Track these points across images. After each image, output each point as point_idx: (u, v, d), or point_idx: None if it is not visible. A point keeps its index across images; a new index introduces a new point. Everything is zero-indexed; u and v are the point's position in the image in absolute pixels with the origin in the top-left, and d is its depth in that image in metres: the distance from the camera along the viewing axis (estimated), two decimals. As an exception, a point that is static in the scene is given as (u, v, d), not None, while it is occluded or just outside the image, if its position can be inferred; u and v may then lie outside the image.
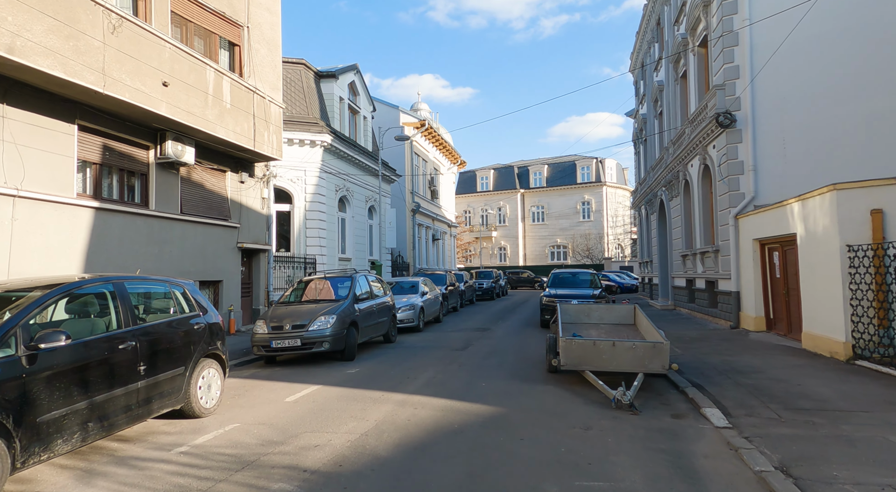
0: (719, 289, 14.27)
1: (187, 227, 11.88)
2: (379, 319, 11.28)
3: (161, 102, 9.89)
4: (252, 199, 14.39)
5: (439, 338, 13.03)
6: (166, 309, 5.79)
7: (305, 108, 18.83)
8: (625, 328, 9.20)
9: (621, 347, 6.93)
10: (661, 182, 20.99)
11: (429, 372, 8.48)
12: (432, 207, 34.04)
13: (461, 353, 10.50)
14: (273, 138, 13.83)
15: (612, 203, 55.59)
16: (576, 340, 7.10)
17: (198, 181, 12.33)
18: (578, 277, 17.04)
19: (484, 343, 11.93)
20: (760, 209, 11.96)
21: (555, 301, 14.53)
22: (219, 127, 11.56)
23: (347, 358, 9.62)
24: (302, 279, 11.43)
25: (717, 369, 8.08)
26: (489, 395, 6.91)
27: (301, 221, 18.32)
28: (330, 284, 10.84)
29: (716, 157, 14.01)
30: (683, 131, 17.04)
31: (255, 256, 14.86)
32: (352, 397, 6.84)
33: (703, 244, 15.59)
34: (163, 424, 5.74)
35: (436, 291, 17.72)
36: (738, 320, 12.96)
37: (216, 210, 12.95)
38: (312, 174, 18.51)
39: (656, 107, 22.64)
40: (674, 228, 19.72)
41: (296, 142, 18.16)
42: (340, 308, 9.67)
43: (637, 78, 28.69)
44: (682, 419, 5.82)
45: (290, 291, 11.10)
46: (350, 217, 21.37)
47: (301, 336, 9.04)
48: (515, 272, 44.44)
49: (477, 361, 9.56)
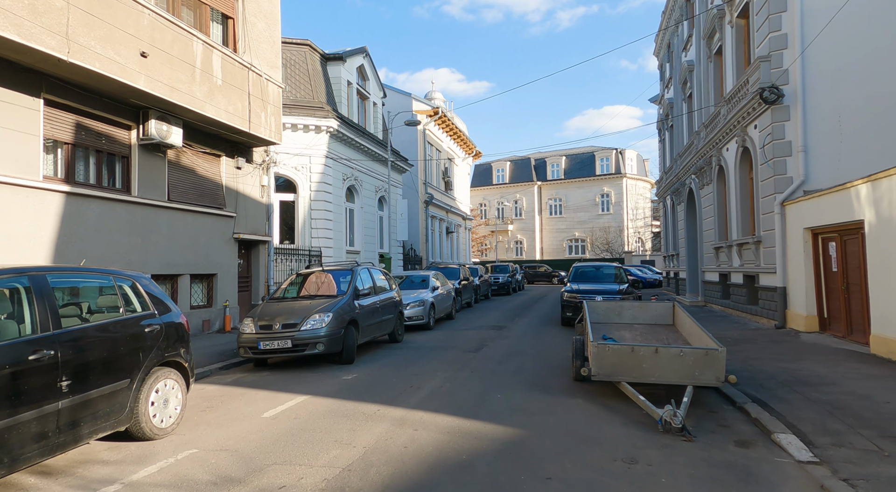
0: (760, 284, 12.91)
1: (176, 215, 10.90)
2: (383, 317, 10.19)
3: (139, 75, 8.86)
4: (250, 186, 13.38)
5: (450, 337, 11.91)
6: (112, 307, 4.74)
7: (310, 92, 17.77)
8: (662, 330, 7.97)
9: (666, 355, 5.73)
10: (691, 169, 19.55)
11: (436, 379, 7.36)
12: (446, 198, 32.88)
13: (474, 355, 9.37)
14: (271, 120, 12.78)
15: (632, 195, 53.86)
16: (610, 346, 5.91)
17: (188, 166, 11.33)
18: (602, 270, 15.78)
19: (499, 344, 10.78)
20: (813, 194, 10.58)
21: (577, 297, 13.33)
22: (208, 105, 10.53)
23: (345, 361, 8.54)
24: (299, 272, 10.37)
25: (776, 379, 6.82)
26: (505, 411, 5.77)
27: (306, 212, 17.31)
28: (330, 278, 9.77)
29: (758, 138, 12.62)
30: (718, 112, 15.61)
31: (254, 248, 13.87)
32: (342, 413, 5.74)
33: (740, 235, 14.21)
34: (106, 448, 4.70)
35: (448, 286, 16.60)
36: (784, 319, 11.61)
37: (209, 198, 11.95)
38: (318, 162, 17.47)
39: (685, 89, 21.15)
40: (705, 219, 18.31)
41: (300, 127, 17.11)
42: (338, 305, 8.59)
43: (662, 61, 27.12)
44: (750, 448, 4.61)
45: (285, 285, 10.05)
46: (359, 208, 20.31)
47: (292, 337, 7.98)
48: (532, 266, 43.12)
49: (491, 365, 8.42)
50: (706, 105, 17.65)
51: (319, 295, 9.21)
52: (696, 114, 19.16)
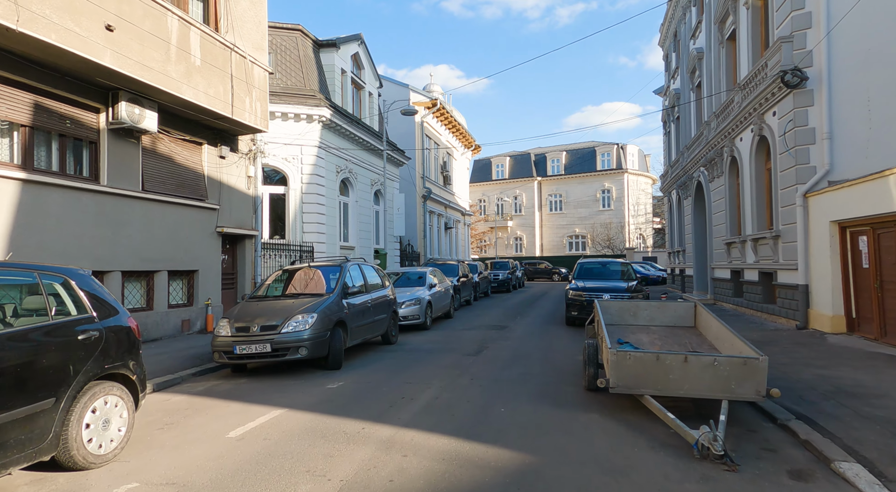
0: (779, 281, 12.11)
1: (152, 207, 10.07)
2: (375, 317, 9.38)
3: (104, 50, 8.02)
4: (235, 177, 12.54)
5: (449, 338, 11.11)
6: (38, 310, 3.93)
7: (302, 80, 16.91)
8: (683, 333, 7.17)
9: (697, 364, 4.93)
10: (700, 162, 18.73)
11: (432, 388, 6.56)
12: (445, 193, 32.05)
13: (474, 359, 8.56)
14: (257, 106, 11.94)
15: (633, 191, 53.08)
16: (631, 354, 5.11)
17: (165, 154, 10.50)
18: (608, 267, 14.98)
19: (502, 345, 9.98)
20: (840, 185, 9.79)
21: (583, 295, 12.55)
22: (185, 87, 9.68)
23: (332, 366, 7.73)
24: (284, 268, 9.54)
25: (816, 389, 6.03)
26: (512, 430, 4.97)
27: (297, 205, 16.48)
28: (318, 275, 8.95)
29: (777, 125, 11.80)
30: (731, 100, 14.78)
31: (239, 243, 13.05)
32: (321, 432, 4.94)
33: (755, 230, 13.41)
34: (27, 481, 3.89)
35: (446, 283, 15.81)
36: (805, 319, 10.82)
37: (190, 189, 11.12)
38: (310, 153, 16.63)
39: (693, 78, 20.31)
40: (715, 213, 17.51)
41: (290, 116, 16.27)
42: (324, 304, 7.77)
43: (668, 50, 26.26)
44: (809, 482, 3.82)
45: (269, 282, 9.21)
46: (353, 201, 19.49)
47: (271, 340, 7.16)
48: (532, 263, 42.34)
49: (494, 371, 7.61)
50: (717, 92, 16.82)
51: (304, 294, 8.39)
52: (705, 103, 18.33)
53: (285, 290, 8.93)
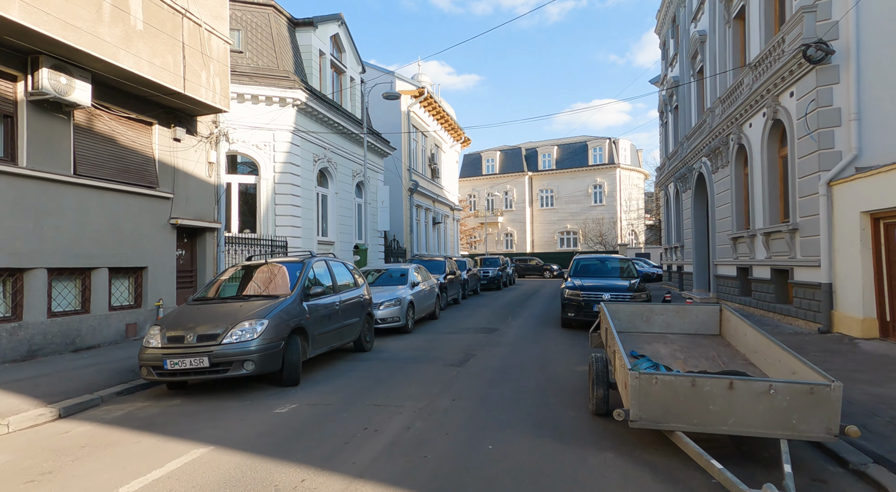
0: (795, 280, 11.00)
1: (87, 194, 8.71)
2: (344, 322, 8.10)
3: (11, 3, 6.65)
4: (193, 163, 11.18)
5: (431, 343, 9.88)
6: None
7: (274, 60, 15.54)
8: (708, 342, 5.99)
9: (747, 392, 3.73)
10: (702, 151, 17.62)
11: (404, 414, 5.31)
12: (433, 186, 30.76)
13: (458, 371, 7.33)
14: (216, 82, 10.59)
15: (626, 186, 52.18)
16: (659, 377, 3.90)
17: (104, 133, 9.13)
18: (607, 264, 13.81)
19: (491, 353, 8.76)
20: (872, 171, 8.67)
21: (580, 295, 11.37)
22: (124, 54, 8.32)
23: (287, 383, 6.46)
24: (239, 265, 8.20)
25: (880, 415, 4.86)
26: (504, 480, 3.74)
27: (269, 196, 15.13)
28: (275, 273, 7.65)
29: (795, 107, 10.67)
30: (739, 83, 13.65)
31: (199, 237, 11.69)
32: (244, 486, 3.67)
33: (768, 223, 12.30)
34: None
35: (431, 281, 14.57)
36: (829, 322, 9.71)
37: (136, 174, 9.76)
38: (283, 139, 15.28)
39: (694, 64, 19.17)
40: (718, 206, 16.41)
41: (261, 99, 14.91)
42: (278, 309, 6.49)
43: (665, 37, 25.13)
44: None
45: (222, 279, 7.85)
46: (333, 193, 18.16)
47: (210, 353, 5.87)
48: (523, 259, 41.25)
49: (481, 387, 6.39)
50: (722, 80, 15.69)
51: (257, 295, 7.08)
52: (708, 89, 17.21)
53: (239, 290, 7.62)
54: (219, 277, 7.73)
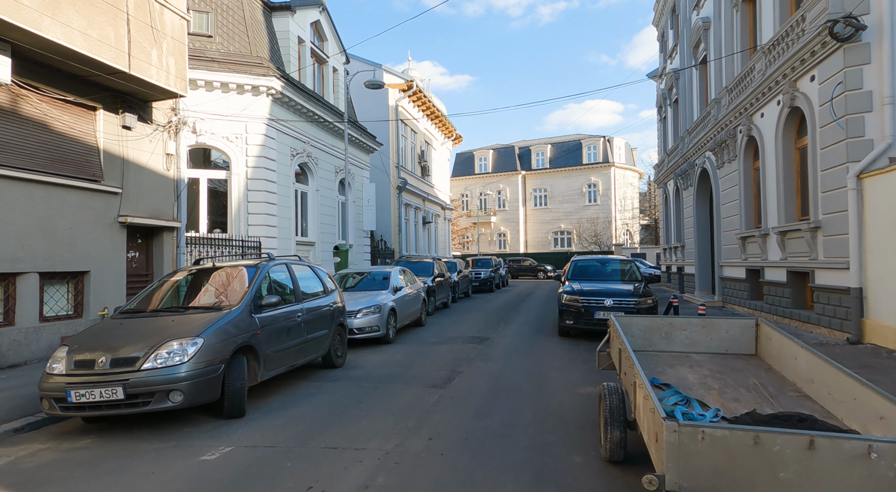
0: (817, 283, 9.95)
1: (10, 187, 7.50)
2: (308, 336, 6.93)
3: None
4: (148, 154, 9.97)
5: (413, 357, 8.73)
6: None
7: (247, 46, 14.33)
8: (745, 365, 4.87)
9: (832, 454, 2.62)
10: (705, 146, 16.60)
11: (364, 463, 4.16)
12: (423, 185, 29.60)
13: (440, 396, 6.19)
14: (170, 62, 9.39)
15: (620, 185, 51.25)
16: (709, 432, 2.77)
17: (32, 117, 7.91)
18: (608, 266, 12.73)
19: (479, 369, 7.62)
20: (913, 160, 7.62)
21: (579, 300, 10.26)
22: (49, 22, 7.11)
23: (230, 414, 5.29)
24: (184, 268, 7.00)
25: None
26: None
27: (241, 193, 13.92)
28: (223, 280, 6.48)
29: (817, 92, 9.62)
30: (750, 70, 12.60)
31: (155, 237, 10.48)
32: None
33: (783, 221, 11.25)
34: None
35: (417, 285, 13.43)
36: (859, 331, 8.65)
37: (75, 166, 8.55)
38: (256, 131, 14.08)
39: (696, 53, 18.15)
40: (724, 204, 15.38)
41: (232, 87, 13.70)
42: (218, 324, 5.31)
43: (664, 28, 24.13)
44: None
45: (158, 287, 6.64)
46: (313, 190, 16.96)
47: (126, 382, 4.69)
48: (516, 260, 40.21)
49: (465, 419, 5.26)
50: (729, 69, 14.66)
51: (197, 307, 5.90)
52: (712, 79, 16.18)
53: (178, 300, 6.44)
54: (157, 284, 6.53)
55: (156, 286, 6.46)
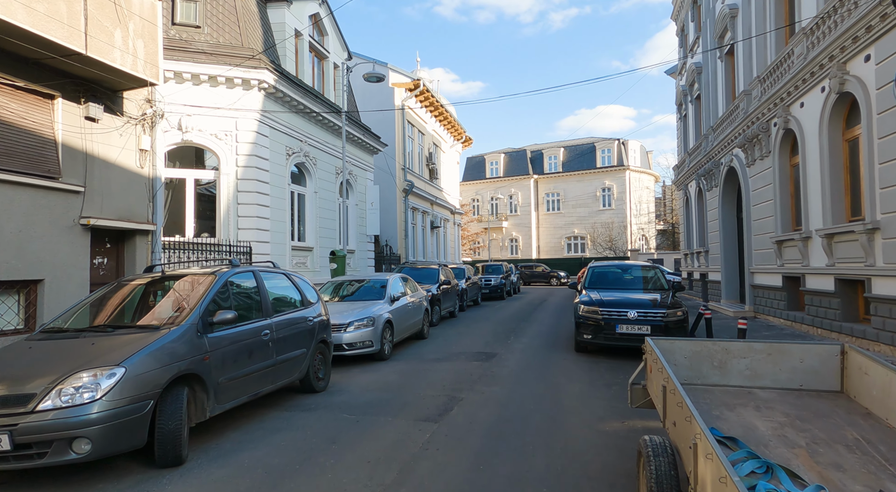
0: (875, 293, 8.63)
1: (-56, 183, 6.52)
2: (279, 358, 5.81)
3: None
4: (117, 150, 8.99)
5: (408, 378, 7.59)
6: None
7: (238, 37, 13.39)
8: (828, 407, 3.65)
9: None
10: (733, 142, 15.31)
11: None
12: (431, 188, 28.53)
13: (433, 434, 5.04)
14: (137, 46, 8.41)
15: (635, 189, 49.77)
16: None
17: (-26, 104, 6.94)
18: (630, 273, 11.55)
19: (483, 396, 6.46)
20: None
21: (598, 312, 9.07)
22: (-17, -7, 6.14)
23: (163, 463, 4.18)
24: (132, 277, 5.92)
25: None
26: None
27: (231, 194, 12.92)
28: (179, 291, 5.40)
29: (873, 74, 8.37)
30: (788, 55, 11.36)
31: (127, 241, 9.47)
32: None
33: (829, 222, 9.96)
34: None
35: (420, 293, 12.31)
36: (932, 350, 7.36)
37: (25, 160, 7.56)
38: (248, 128, 13.09)
39: (722, 43, 16.88)
40: (755, 205, 14.07)
41: (221, 80, 12.73)
42: (148, 349, 4.20)
43: (684, 22, 22.87)
44: None
45: (94, 300, 5.57)
46: (311, 192, 15.94)
47: (13, 428, 3.61)
48: (528, 266, 38.91)
49: (460, 473, 4.11)
50: (761, 54, 13.40)
51: (130, 326, 4.81)
52: (741, 70, 14.92)
53: (111, 317, 5.34)
54: (94, 297, 5.45)
55: (92, 299, 5.39)
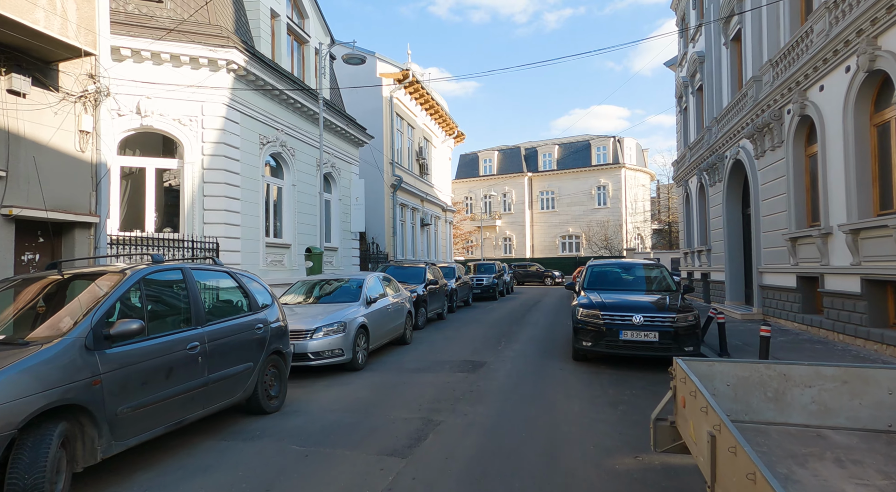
0: (911, 296, 7.64)
1: None
2: (210, 376, 4.71)
3: None
4: (51, 130, 7.83)
5: (381, 393, 6.51)
6: None
7: (205, 13, 12.23)
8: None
9: None
10: (741, 133, 14.32)
11: None
12: (421, 184, 27.42)
13: (398, 474, 3.97)
14: (68, 6, 7.27)
15: (631, 187, 48.86)
16: None
17: None
18: (632, 272, 10.51)
19: (466, 419, 5.38)
20: None
21: (599, 316, 8.01)
22: None
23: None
24: (22, 276, 4.80)
25: None
26: None
27: (196, 186, 11.77)
28: (78, 294, 4.28)
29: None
30: (805, 35, 10.35)
31: (66, 235, 8.33)
32: None
33: (854, 217, 8.96)
34: None
35: (403, 294, 11.24)
36: None
37: (-69, 138, 6.42)
38: (215, 113, 11.94)
39: (727, 29, 15.88)
40: (765, 199, 13.08)
41: (185, 60, 11.58)
42: (6, 374, 3.10)
43: (684, 10, 21.90)
44: None
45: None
46: (289, 185, 14.81)
47: None
48: (522, 265, 37.92)
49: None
50: (772, 36, 12.40)
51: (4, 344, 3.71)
52: (749, 55, 13.92)
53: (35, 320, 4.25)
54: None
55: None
